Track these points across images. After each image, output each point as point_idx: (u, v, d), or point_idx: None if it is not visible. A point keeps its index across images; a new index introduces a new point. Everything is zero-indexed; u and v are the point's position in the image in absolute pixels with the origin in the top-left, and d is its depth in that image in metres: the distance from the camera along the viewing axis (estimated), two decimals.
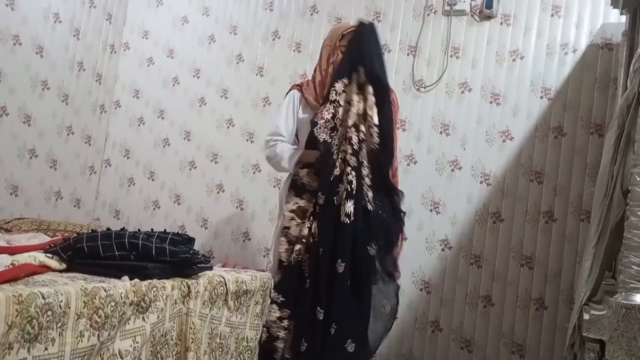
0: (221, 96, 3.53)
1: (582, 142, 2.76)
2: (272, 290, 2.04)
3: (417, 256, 2.96)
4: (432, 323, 2.90)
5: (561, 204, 2.76)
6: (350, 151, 2.13)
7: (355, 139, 2.14)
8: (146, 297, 1.37)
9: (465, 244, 2.90)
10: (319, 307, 2.03)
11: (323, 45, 2.41)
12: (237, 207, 3.41)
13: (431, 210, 2.98)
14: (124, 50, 3.83)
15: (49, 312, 1.07)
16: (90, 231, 1.60)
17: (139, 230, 1.65)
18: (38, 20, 3.19)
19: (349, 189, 2.09)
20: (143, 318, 1.37)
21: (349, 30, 2.33)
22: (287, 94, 2.45)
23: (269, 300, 2.04)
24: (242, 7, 3.55)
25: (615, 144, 1.58)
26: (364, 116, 2.17)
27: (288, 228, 2.23)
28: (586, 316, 1.31)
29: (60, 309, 1.10)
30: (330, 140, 2.17)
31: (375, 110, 2.16)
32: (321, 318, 2.03)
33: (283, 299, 2.11)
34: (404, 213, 2.29)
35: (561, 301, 2.70)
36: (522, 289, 2.77)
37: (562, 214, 2.75)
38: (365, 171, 2.14)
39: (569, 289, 2.67)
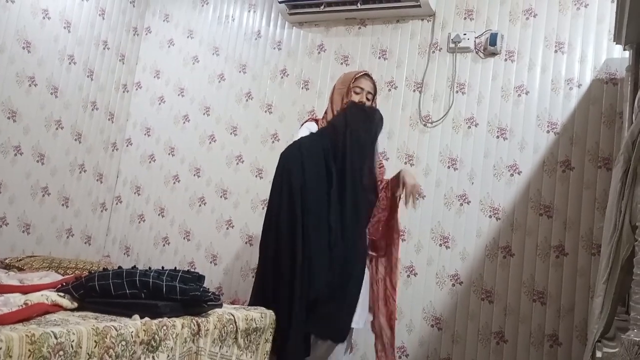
0: (230, 133, 3.59)
1: (590, 175, 2.76)
2: None
3: (427, 292, 2.94)
4: None
5: (572, 238, 2.75)
6: None
7: None
8: (156, 336, 1.38)
9: (476, 279, 2.88)
10: None
11: (334, 88, 2.55)
12: (246, 243, 3.42)
13: (440, 245, 2.97)
14: (136, 89, 3.92)
15: (61, 352, 1.08)
16: (102, 269, 1.62)
17: (149, 268, 1.66)
18: (53, 62, 3.29)
19: None
20: (153, 357, 1.37)
21: (360, 74, 2.51)
22: (303, 124, 2.53)
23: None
24: (251, 46, 3.64)
25: (622, 179, 1.59)
26: None
27: None
28: (599, 354, 1.29)
29: (72, 348, 1.11)
30: None
31: None
32: None
33: None
34: None
35: (575, 337, 2.65)
36: (535, 325, 2.73)
37: (573, 248, 2.74)
38: None
39: (583, 324, 2.63)
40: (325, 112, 2.56)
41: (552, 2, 2.98)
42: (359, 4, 3.22)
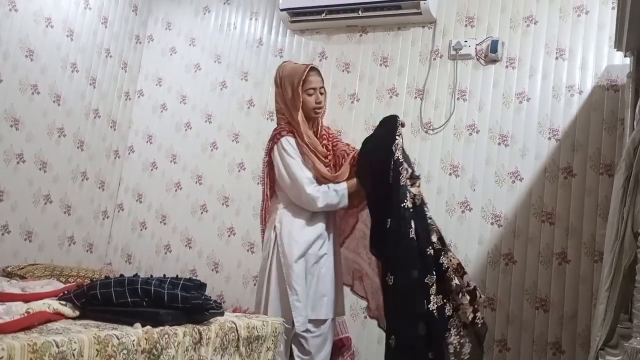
0: (232, 140, 3.60)
1: (592, 182, 2.76)
2: None
3: None
4: None
5: (574, 245, 2.74)
6: None
7: None
8: (158, 345, 1.37)
9: (479, 286, 2.86)
10: None
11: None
12: (247, 250, 3.41)
13: None
14: (138, 97, 3.93)
15: None
16: (103, 277, 1.62)
17: (151, 276, 1.66)
18: (56, 70, 3.31)
19: None
20: None
21: (305, 72, 2.35)
22: (279, 141, 2.32)
23: (281, 347, 2.02)
24: (253, 54, 3.66)
25: (624, 186, 1.59)
26: None
27: None
28: None
29: (74, 357, 1.11)
30: None
31: None
32: None
33: None
34: None
35: (578, 345, 2.64)
36: (537, 332, 2.72)
37: (575, 255, 2.73)
38: None
39: (586, 332, 2.62)
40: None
41: (552, 9, 2.99)
42: (360, 12, 3.24)
